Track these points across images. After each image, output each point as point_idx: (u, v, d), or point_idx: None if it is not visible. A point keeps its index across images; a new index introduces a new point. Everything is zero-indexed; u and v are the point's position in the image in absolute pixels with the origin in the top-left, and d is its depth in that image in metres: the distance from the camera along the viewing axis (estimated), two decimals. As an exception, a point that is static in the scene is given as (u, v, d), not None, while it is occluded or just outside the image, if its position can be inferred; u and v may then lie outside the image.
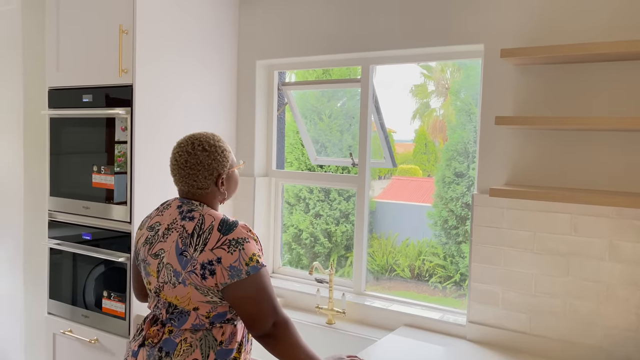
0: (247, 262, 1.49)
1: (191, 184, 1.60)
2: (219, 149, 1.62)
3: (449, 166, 7.81)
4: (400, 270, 8.37)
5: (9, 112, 2.89)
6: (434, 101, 15.30)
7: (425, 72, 14.96)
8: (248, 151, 2.85)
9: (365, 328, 2.41)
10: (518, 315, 2.11)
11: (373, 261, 8.53)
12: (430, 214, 7.93)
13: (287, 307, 2.66)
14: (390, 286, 8.21)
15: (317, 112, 7.78)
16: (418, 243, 8.40)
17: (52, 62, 2.63)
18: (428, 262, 8.13)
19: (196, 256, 1.49)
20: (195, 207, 1.58)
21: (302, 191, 7.85)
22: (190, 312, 1.53)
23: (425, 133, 14.56)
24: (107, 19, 2.40)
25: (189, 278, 1.50)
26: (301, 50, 2.65)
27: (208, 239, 1.50)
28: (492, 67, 2.15)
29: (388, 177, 12.47)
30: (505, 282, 2.13)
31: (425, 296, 7.83)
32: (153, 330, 1.57)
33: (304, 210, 7.94)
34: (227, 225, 1.52)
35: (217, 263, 1.48)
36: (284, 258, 4.88)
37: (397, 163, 13.26)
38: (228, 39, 2.80)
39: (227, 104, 2.83)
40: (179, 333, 1.54)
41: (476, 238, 2.20)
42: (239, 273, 1.48)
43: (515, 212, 2.10)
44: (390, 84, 16.65)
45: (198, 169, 1.58)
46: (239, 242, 1.49)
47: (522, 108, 2.10)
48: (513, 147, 2.13)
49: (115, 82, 2.39)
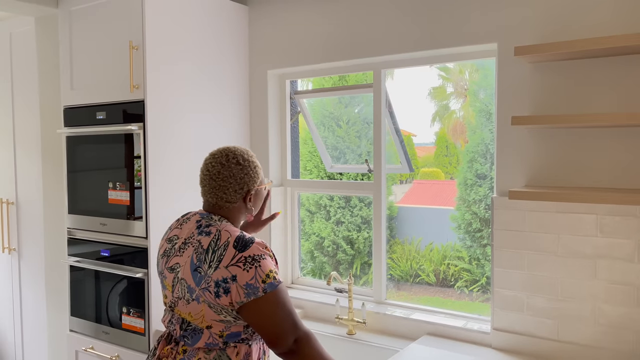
0: (264, 280, 1.44)
1: (220, 196, 1.58)
2: (252, 164, 1.61)
3: (471, 168, 7.69)
4: (425, 276, 8.26)
5: (27, 131, 2.93)
6: (453, 103, 15.15)
7: (444, 74, 14.84)
8: (262, 161, 2.83)
9: (386, 338, 2.35)
10: (545, 322, 2.03)
11: (397, 267, 8.44)
12: (453, 217, 7.81)
13: (306, 318, 2.63)
14: (415, 291, 8.10)
15: (334, 119, 7.76)
16: (442, 247, 8.27)
17: (66, 81, 2.66)
18: (453, 267, 8.00)
19: (210, 273, 1.46)
20: (214, 222, 1.55)
21: (322, 199, 7.81)
22: (204, 330, 1.49)
23: (445, 135, 14.42)
24: (118, 36, 2.42)
25: (202, 295, 1.46)
26: (312, 58, 2.62)
27: (223, 255, 1.46)
28: (507, 66, 2.09)
29: (410, 181, 12.37)
30: (529, 287, 2.06)
31: (452, 301, 7.70)
32: (167, 350, 1.55)
33: (325, 218, 7.90)
34: (243, 242, 1.48)
35: (232, 281, 1.43)
36: (307, 267, 4.76)
37: (419, 166, 13.16)
38: (239, 50, 2.79)
39: (240, 115, 2.82)
40: (192, 353, 1.51)
41: (497, 242, 2.13)
42: (256, 291, 1.44)
43: (537, 214, 2.03)
44: (408, 88, 16.59)
45: (230, 182, 1.57)
46: (255, 260, 1.45)
47: (539, 107, 2.04)
48: (532, 147, 2.06)
49: (128, 99, 2.40)
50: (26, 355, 3.06)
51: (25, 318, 3.05)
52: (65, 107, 2.69)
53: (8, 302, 3.13)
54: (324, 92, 2.93)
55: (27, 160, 2.95)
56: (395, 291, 8.13)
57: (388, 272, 9.12)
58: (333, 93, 2.86)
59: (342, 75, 4.92)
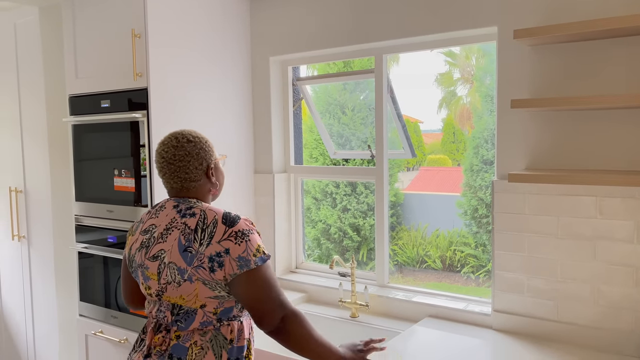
0: (254, 253, 1.48)
1: (183, 177, 1.58)
2: (202, 139, 1.61)
3: (477, 154, 7.68)
4: (431, 262, 8.29)
5: (34, 120, 2.97)
6: (460, 89, 15.05)
7: (450, 59, 14.72)
8: (266, 148, 2.86)
9: (389, 320, 2.39)
10: (545, 303, 2.05)
11: (403, 253, 8.47)
12: (459, 204, 7.82)
13: (310, 302, 2.67)
14: (421, 277, 8.14)
15: (340, 106, 7.75)
16: (449, 233, 8.30)
17: (71, 69, 2.69)
18: (459, 252, 8.03)
19: (202, 250, 1.47)
20: (194, 204, 1.56)
21: (328, 186, 7.84)
22: (197, 310, 1.50)
23: (452, 122, 14.36)
24: (120, 24, 2.44)
25: (195, 274, 1.47)
26: (313, 44, 2.63)
27: (214, 232, 1.48)
28: (507, 50, 2.10)
29: (416, 168, 12.37)
30: (530, 269, 2.08)
31: (458, 286, 7.73)
32: (158, 338, 1.53)
33: (331, 205, 7.93)
34: (231, 218, 1.51)
35: (226, 254, 1.46)
36: (314, 253, 4.83)
37: (426, 153, 13.13)
38: (240, 37, 2.81)
39: (243, 102, 2.84)
40: (187, 337, 1.51)
41: (498, 225, 2.15)
42: (248, 263, 1.47)
43: (537, 197, 2.05)
44: (414, 74, 16.46)
45: (188, 160, 1.57)
46: (244, 234, 1.49)
47: (540, 90, 2.04)
48: (532, 130, 2.07)
49: (131, 86, 2.43)
50: (37, 339, 3.13)
51: (35, 303, 3.11)
52: (70, 96, 2.72)
53: (19, 288, 3.19)
54: (325, 78, 2.94)
55: (34, 149, 2.99)
56: (401, 277, 8.18)
57: (394, 258, 9.19)
58: (334, 79, 2.87)
59: (347, 61, 4.89)
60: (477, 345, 2.05)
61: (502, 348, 2.01)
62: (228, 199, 2.75)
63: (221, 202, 2.69)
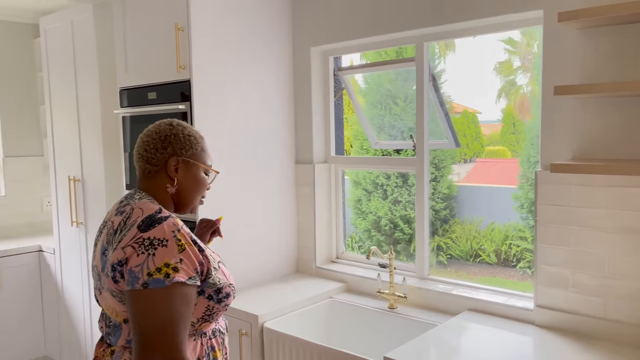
0: (150, 272, 1.16)
1: (142, 154, 1.36)
2: (186, 130, 1.39)
3: (534, 145, 7.37)
4: (485, 256, 8.06)
5: (89, 113, 3.12)
6: (520, 78, 14.51)
7: (510, 47, 14.19)
8: (306, 138, 2.87)
9: (427, 313, 2.35)
10: (590, 299, 1.96)
11: (456, 247, 8.29)
12: (516, 196, 7.55)
13: (350, 292, 2.67)
14: (475, 272, 7.94)
15: (391, 97, 7.65)
16: (504, 227, 8.03)
17: (121, 63, 2.80)
18: (515, 247, 7.75)
19: (109, 255, 1.24)
20: (132, 200, 1.32)
21: (379, 178, 7.78)
22: (122, 325, 1.28)
23: (512, 112, 13.85)
24: (165, 19, 2.51)
25: (106, 282, 1.25)
26: (353, 33, 2.61)
27: (125, 235, 1.23)
28: (553, 34, 2.00)
29: (473, 160, 12.03)
30: (575, 264, 1.99)
31: (513, 282, 7.48)
32: (100, 352, 1.35)
33: (381, 197, 7.87)
34: (151, 220, 1.23)
35: (125, 264, 1.20)
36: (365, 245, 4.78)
37: (484, 145, 12.75)
38: (282, 28, 2.82)
39: (284, 93, 2.86)
40: (119, 354, 1.29)
41: (542, 217, 2.07)
42: (135, 282, 1.16)
43: (585, 188, 1.95)
44: (471, 63, 15.98)
45: (154, 138, 1.36)
46: (152, 244, 1.18)
47: (589, 75, 1.93)
48: (579, 118, 1.97)
49: (175, 79, 2.50)
50: (94, 321, 3.30)
51: (92, 287, 3.28)
52: (120, 89, 2.83)
53: (77, 271, 3.38)
54: (366, 67, 2.91)
55: (90, 140, 3.14)
56: (454, 271, 8.01)
57: (447, 252, 8.97)
58: (375, 68, 2.84)
59: (399, 48, 4.80)
60: (518, 341, 1.98)
61: (544, 345, 1.93)
62: (270, 190, 2.79)
63: (264, 192, 2.73)
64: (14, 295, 3.61)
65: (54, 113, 3.43)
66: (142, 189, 1.38)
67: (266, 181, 2.77)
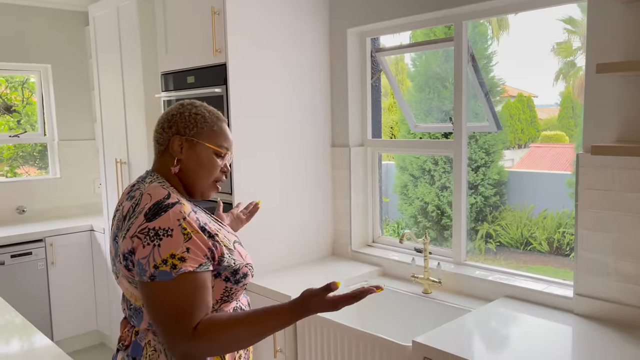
0: (157, 264, 1.16)
1: (154, 134, 1.38)
2: (193, 109, 1.36)
3: (590, 129, 7.06)
4: (537, 244, 7.81)
5: (134, 96, 3.22)
6: (580, 59, 13.83)
7: (570, 27, 13.53)
8: (343, 121, 2.85)
9: (462, 298, 2.31)
10: (633, 288, 1.86)
11: (506, 234, 8.06)
12: (569, 183, 7.25)
13: (385, 276, 2.65)
14: (525, 260, 7.71)
15: (440, 79, 7.47)
16: (557, 214, 7.74)
17: (162, 48, 2.87)
18: (569, 235, 7.46)
19: (119, 243, 1.26)
20: (143, 184, 1.31)
21: (426, 163, 7.65)
22: (142, 309, 1.29)
23: (571, 95, 13.25)
24: (202, 3, 2.55)
25: (120, 269, 1.28)
26: (391, 13, 2.56)
27: (133, 223, 1.22)
28: (598, 8, 1.89)
29: (528, 145, 11.62)
30: (617, 251, 1.89)
31: (566, 271, 7.22)
32: (125, 332, 1.37)
33: (429, 183, 7.75)
34: (157, 208, 1.21)
35: (134, 254, 1.21)
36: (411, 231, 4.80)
37: (539, 129, 12.28)
38: (318, 9, 2.80)
39: (320, 75, 2.85)
40: (142, 334, 1.31)
41: (583, 202, 1.98)
42: (142, 274, 1.18)
43: (629, 171, 1.85)
44: (527, 44, 15.35)
45: (163, 118, 1.37)
46: (157, 235, 1.18)
47: (635, 52, 1.82)
48: (626, 97, 1.86)
49: (211, 62, 2.53)
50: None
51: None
52: (162, 73, 2.90)
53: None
54: (404, 48, 2.85)
55: (135, 124, 3.25)
56: (503, 259, 7.81)
57: (496, 239, 8.74)
58: (413, 49, 2.78)
59: (448, 29, 4.69)
60: (555, 329, 1.91)
61: (582, 334, 1.86)
62: (305, 173, 2.80)
63: (300, 175, 2.75)
64: (67, 272, 3.81)
65: (102, 98, 3.56)
66: (154, 170, 1.38)
67: (302, 164, 2.78)
